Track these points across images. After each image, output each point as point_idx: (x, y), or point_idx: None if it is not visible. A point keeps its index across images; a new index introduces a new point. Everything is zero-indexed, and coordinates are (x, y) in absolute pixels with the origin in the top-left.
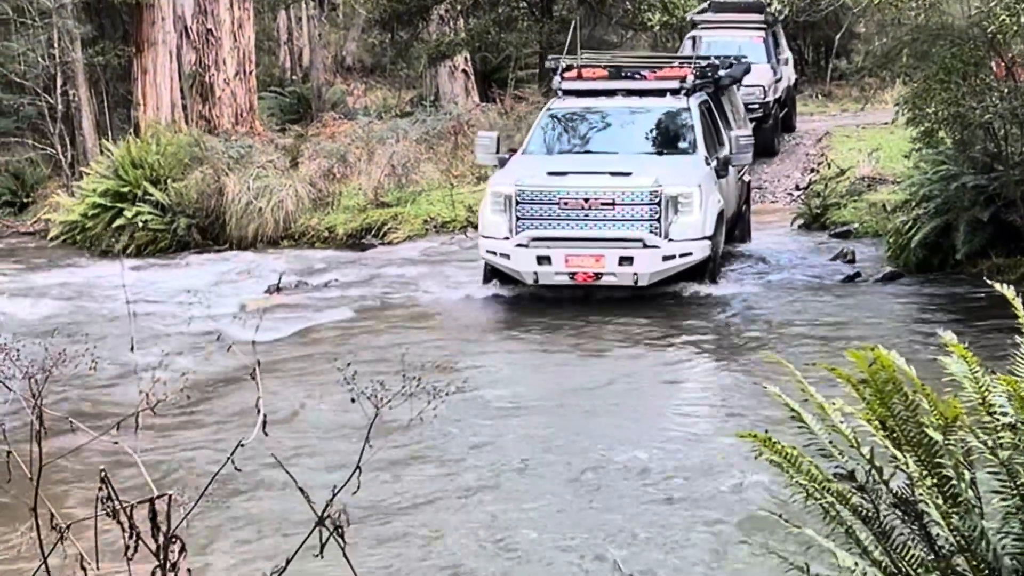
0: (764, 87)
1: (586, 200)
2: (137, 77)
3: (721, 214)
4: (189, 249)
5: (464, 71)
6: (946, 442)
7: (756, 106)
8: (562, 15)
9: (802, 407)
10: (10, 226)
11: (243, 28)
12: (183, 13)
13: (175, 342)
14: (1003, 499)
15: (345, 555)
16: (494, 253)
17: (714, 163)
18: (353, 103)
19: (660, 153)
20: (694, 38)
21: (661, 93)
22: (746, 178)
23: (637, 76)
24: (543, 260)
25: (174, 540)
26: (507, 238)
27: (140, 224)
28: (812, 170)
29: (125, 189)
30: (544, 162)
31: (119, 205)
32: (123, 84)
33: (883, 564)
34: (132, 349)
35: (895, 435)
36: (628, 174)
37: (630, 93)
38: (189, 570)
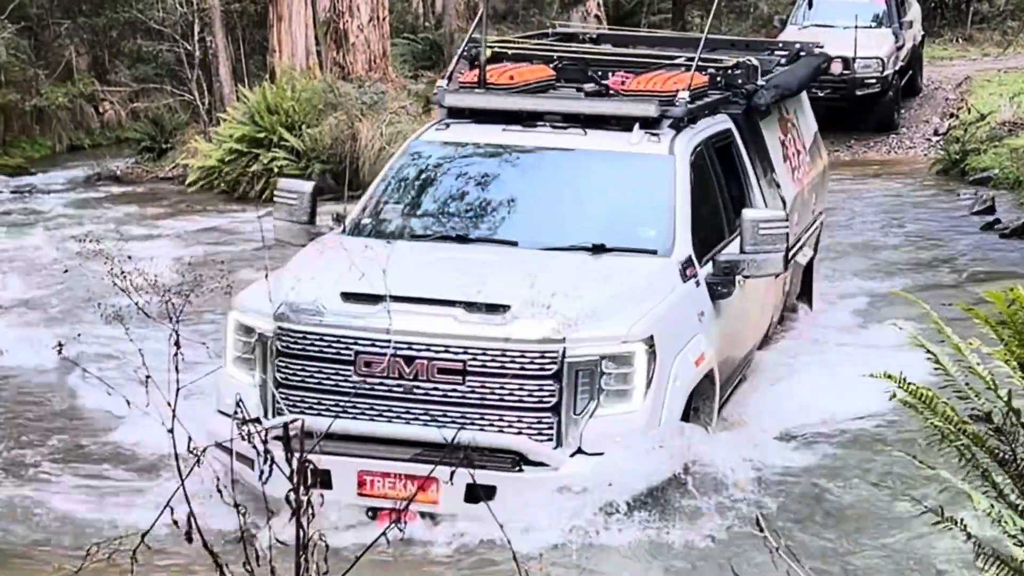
0: (883, 59)
1: (409, 361)
2: (273, 24)
3: (710, 377)
4: (323, 195)
5: (597, 16)
6: None
7: (873, 81)
8: None
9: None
10: (149, 171)
11: None
12: None
13: None
14: None
15: (472, 478)
16: (227, 452)
17: (705, 271)
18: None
19: (596, 250)
20: (809, 0)
21: (625, 124)
22: (804, 258)
23: (597, 83)
24: (318, 479)
25: (307, 464)
26: (256, 421)
27: (275, 169)
28: (951, 115)
29: (261, 135)
30: (362, 263)
31: (255, 151)
32: (259, 31)
33: (1020, 507)
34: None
35: None
36: (502, 309)
37: (567, 120)
38: (322, 495)
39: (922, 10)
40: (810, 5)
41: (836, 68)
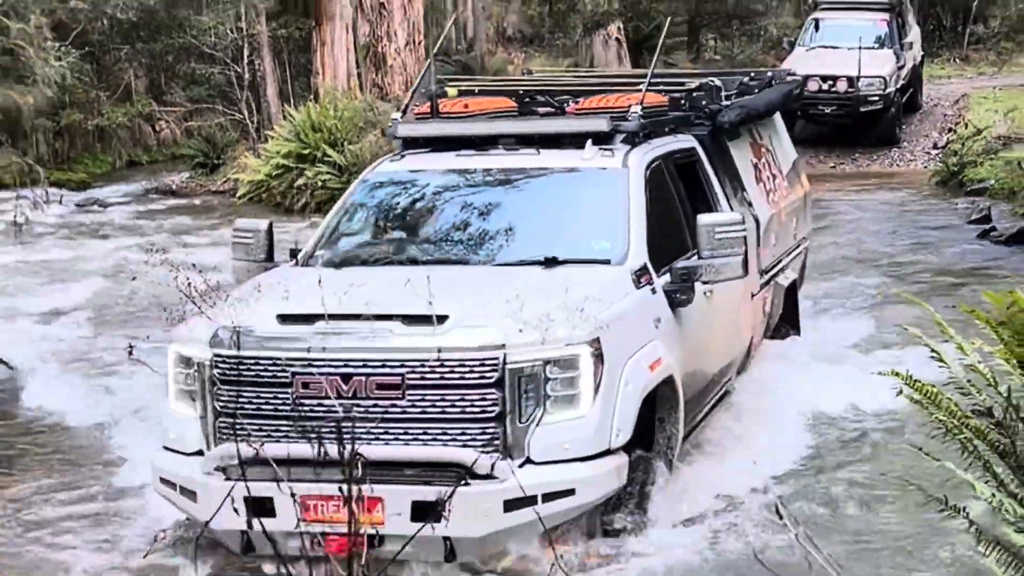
0: (885, 77)
1: (347, 378)
2: (316, 48)
3: (669, 384)
4: None
5: (617, 39)
6: None
7: (876, 98)
8: None
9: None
10: (203, 185)
11: (412, 1)
12: None
13: None
14: None
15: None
16: (172, 486)
17: (663, 280)
18: (514, 71)
19: (549, 263)
20: (816, 21)
21: (577, 141)
22: (786, 280)
23: (553, 106)
24: (261, 506)
25: (358, 457)
26: (199, 453)
27: (319, 183)
28: (949, 130)
29: (306, 151)
30: (303, 287)
31: (300, 166)
32: (304, 54)
33: (1019, 496)
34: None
35: None
36: (440, 320)
37: (522, 143)
38: (372, 487)
39: (921, 32)
40: (816, 28)
41: (841, 86)
